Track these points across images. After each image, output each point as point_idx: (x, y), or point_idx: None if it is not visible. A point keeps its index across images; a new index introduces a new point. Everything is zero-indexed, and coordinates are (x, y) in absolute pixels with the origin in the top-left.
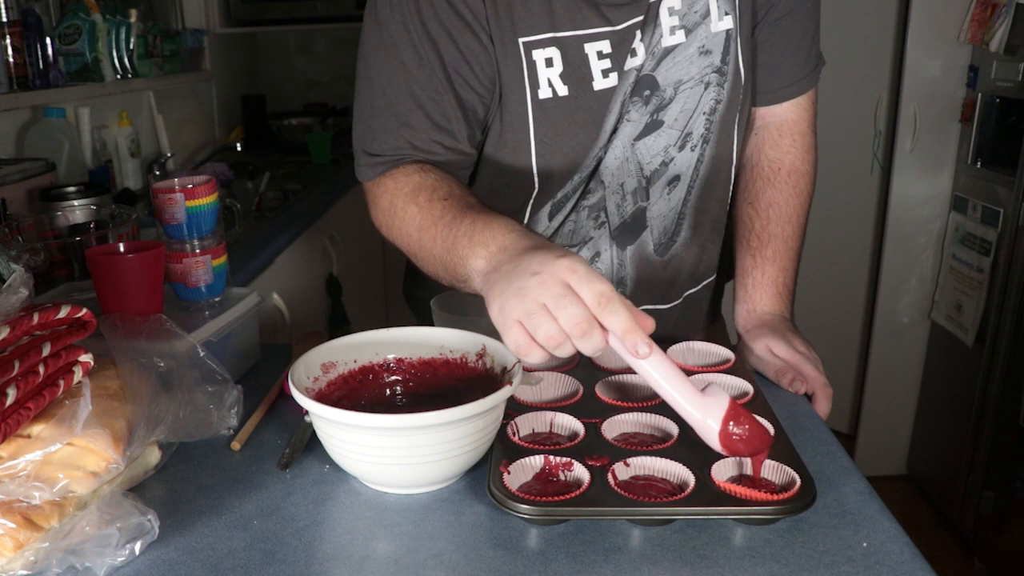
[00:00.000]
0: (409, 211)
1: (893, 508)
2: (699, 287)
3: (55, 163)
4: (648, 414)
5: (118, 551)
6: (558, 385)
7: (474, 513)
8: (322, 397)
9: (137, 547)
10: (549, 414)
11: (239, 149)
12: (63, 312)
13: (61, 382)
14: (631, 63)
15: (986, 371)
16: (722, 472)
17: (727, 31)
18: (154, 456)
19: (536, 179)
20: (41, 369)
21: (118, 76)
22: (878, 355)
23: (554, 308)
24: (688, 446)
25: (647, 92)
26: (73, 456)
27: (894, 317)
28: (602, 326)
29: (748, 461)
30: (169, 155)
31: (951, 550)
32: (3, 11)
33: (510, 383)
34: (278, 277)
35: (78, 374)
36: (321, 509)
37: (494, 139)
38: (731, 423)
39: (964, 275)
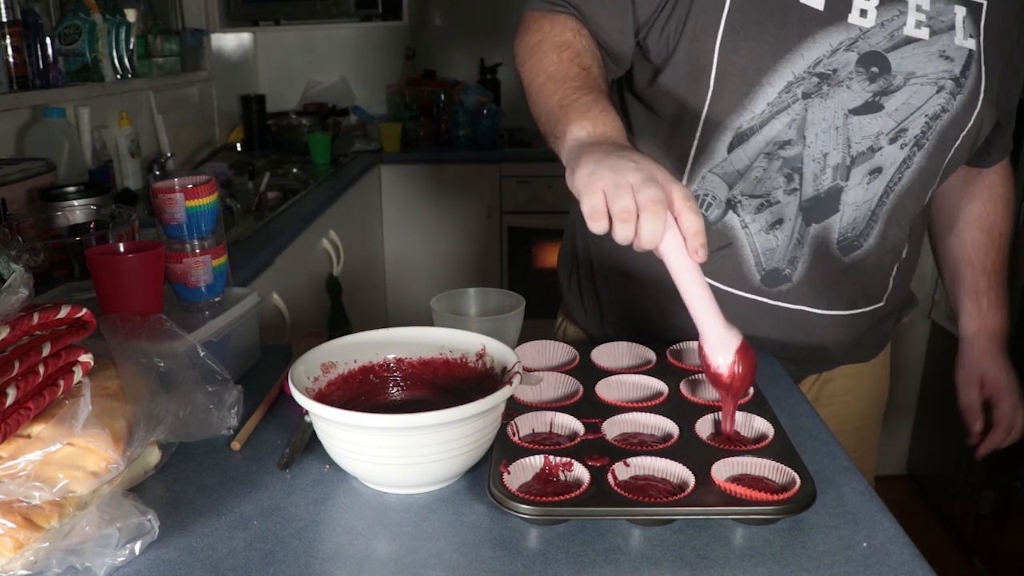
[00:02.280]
0: (549, 58)
1: (893, 508)
2: (867, 309)
3: (55, 163)
4: (648, 414)
5: (118, 551)
6: (558, 385)
7: (474, 513)
8: (322, 397)
9: (137, 547)
10: (549, 414)
11: (239, 149)
12: (63, 312)
13: (61, 382)
14: (857, 19)
15: None
16: (722, 472)
17: (970, 51)
18: (154, 456)
19: (714, 69)
20: (41, 369)
21: (118, 76)
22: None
23: (638, 187)
24: (688, 446)
25: (874, 69)
26: (73, 456)
27: None
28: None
29: (750, 461)
30: (169, 155)
31: (951, 550)
32: (3, 11)
33: (510, 383)
34: (278, 277)
35: (78, 374)
36: (321, 509)
37: (685, 35)
38: (738, 358)
39: None
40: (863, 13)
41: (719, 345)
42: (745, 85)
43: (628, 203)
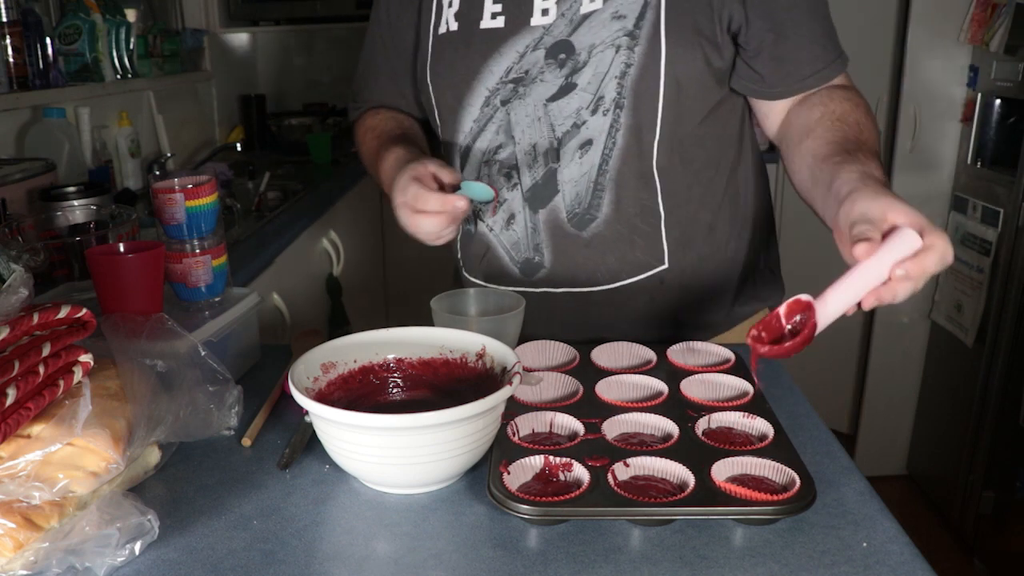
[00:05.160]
0: (366, 143)
1: (893, 508)
2: (642, 276)
3: (55, 163)
4: (648, 414)
5: (118, 551)
6: (558, 385)
7: (474, 513)
8: (322, 397)
9: (137, 547)
10: (549, 414)
11: (239, 149)
12: (63, 312)
13: (61, 382)
14: (540, 20)
15: (986, 371)
16: (722, 472)
17: (645, 1)
18: (154, 456)
19: (435, 108)
20: (41, 369)
21: (118, 76)
22: (878, 355)
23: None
24: (688, 446)
25: (562, 56)
26: (73, 456)
27: (894, 317)
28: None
29: (750, 461)
30: (169, 155)
31: (951, 550)
32: (3, 11)
33: (510, 383)
34: (278, 277)
35: (78, 374)
36: (321, 509)
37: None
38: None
39: (964, 275)
40: (544, 12)
41: (828, 320)
42: (453, 113)
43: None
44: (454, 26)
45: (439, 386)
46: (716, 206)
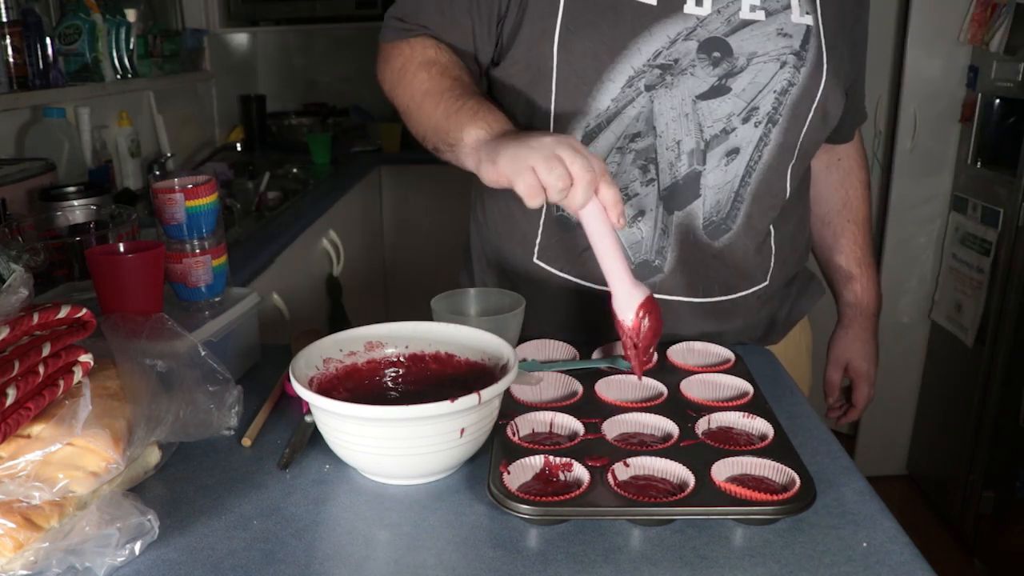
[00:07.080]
0: (419, 77)
1: (893, 508)
2: (747, 292)
3: (55, 163)
4: (648, 414)
5: (118, 551)
6: (558, 385)
7: (474, 513)
8: (323, 390)
9: (137, 547)
10: (549, 414)
11: (239, 149)
12: (63, 312)
13: (61, 382)
14: (693, 9)
15: (986, 371)
16: (722, 472)
17: (808, 26)
18: (154, 456)
19: (555, 73)
20: (41, 369)
21: (118, 76)
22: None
23: (568, 159)
24: (688, 446)
25: (716, 54)
26: (73, 456)
27: (894, 317)
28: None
29: (750, 461)
30: (169, 155)
31: (951, 550)
32: (3, 11)
33: (505, 376)
34: (278, 277)
35: (78, 374)
36: (321, 509)
37: (519, 44)
38: (644, 311)
39: (964, 275)
40: (699, 2)
41: (626, 300)
42: (586, 85)
43: (562, 173)
44: None
45: (437, 379)
46: (805, 228)
